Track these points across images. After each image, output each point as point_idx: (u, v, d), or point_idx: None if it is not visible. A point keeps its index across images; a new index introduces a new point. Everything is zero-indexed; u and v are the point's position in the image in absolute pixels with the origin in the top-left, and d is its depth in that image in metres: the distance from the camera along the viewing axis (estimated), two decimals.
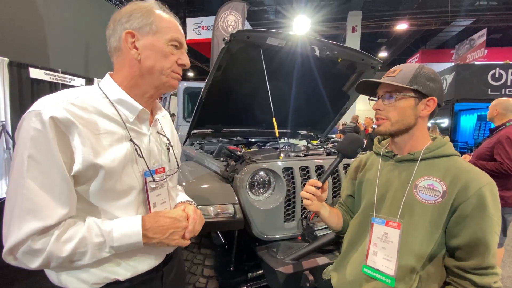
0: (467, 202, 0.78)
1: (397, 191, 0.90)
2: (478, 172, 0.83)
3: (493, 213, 0.77)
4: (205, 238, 1.87)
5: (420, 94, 0.89)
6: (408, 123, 0.91)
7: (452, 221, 0.81)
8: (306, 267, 1.56)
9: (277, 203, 1.76)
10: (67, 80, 5.38)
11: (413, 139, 0.93)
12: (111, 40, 0.81)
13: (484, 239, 0.77)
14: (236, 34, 1.81)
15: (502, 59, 10.22)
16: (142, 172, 0.83)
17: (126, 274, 0.81)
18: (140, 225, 0.77)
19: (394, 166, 0.95)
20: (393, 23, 12.12)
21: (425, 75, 0.90)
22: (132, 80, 0.82)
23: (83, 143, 0.70)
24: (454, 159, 0.88)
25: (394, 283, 0.83)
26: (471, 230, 0.78)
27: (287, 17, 11.33)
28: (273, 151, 2.19)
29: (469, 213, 0.78)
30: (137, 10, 0.80)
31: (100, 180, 0.73)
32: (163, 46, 0.81)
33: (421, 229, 0.83)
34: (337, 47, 2.11)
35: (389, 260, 0.86)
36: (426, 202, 0.84)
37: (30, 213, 0.66)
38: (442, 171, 0.85)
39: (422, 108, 0.90)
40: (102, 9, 6.62)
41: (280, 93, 2.37)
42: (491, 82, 8.54)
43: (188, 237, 0.87)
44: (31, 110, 0.68)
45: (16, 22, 4.67)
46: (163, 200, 0.90)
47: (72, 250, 0.69)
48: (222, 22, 6.15)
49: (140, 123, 0.86)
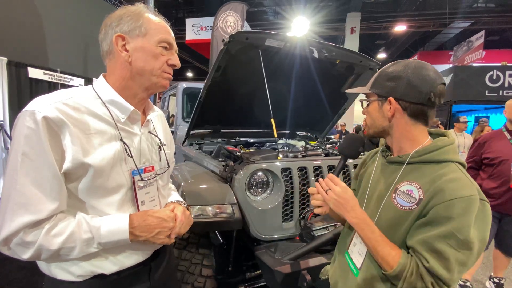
0: (434, 209, 0.74)
1: (381, 192, 0.91)
2: (463, 184, 0.75)
3: (457, 228, 0.70)
4: (203, 238, 1.87)
5: (381, 96, 0.89)
6: (381, 125, 0.91)
7: (416, 224, 0.78)
8: (303, 267, 1.57)
9: (275, 203, 1.77)
10: (66, 80, 5.36)
11: (397, 141, 0.90)
12: (103, 44, 0.85)
13: (433, 248, 0.73)
14: (235, 35, 1.83)
15: (500, 61, 10.26)
16: (131, 170, 0.86)
17: (112, 268, 0.84)
18: (127, 223, 0.80)
19: (386, 166, 0.95)
20: (391, 24, 12.17)
21: (384, 75, 0.88)
22: (123, 81, 0.85)
23: (73, 142, 0.73)
24: (449, 166, 0.80)
25: (358, 275, 0.90)
26: (424, 235, 0.75)
27: (286, 18, 11.36)
28: (271, 151, 2.20)
29: (432, 220, 0.74)
30: (127, 14, 0.83)
31: (89, 178, 0.76)
32: (152, 47, 0.83)
33: (388, 233, 0.83)
34: (335, 48, 2.13)
35: (360, 255, 0.91)
36: (401, 207, 0.82)
37: (23, 207, 0.69)
38: (426, 178, 0.80)
39: (388, 109, 0.88)
40: (101, 9, 6.61)
41: (278, 94, 2.39)
42: (489, 84, 8.59)
43: (174, 237, 0.89)
44: (26, 110, 0.72)
45: (15, 21, 4.66)
46: (152, 198, 0.93)
47: (61, 244, 0.72)
48: (221, 23, 6.16)
49: (131, 123, 0.89)
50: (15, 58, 4.44)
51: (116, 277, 0.85)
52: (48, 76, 5.02)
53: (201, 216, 1.64)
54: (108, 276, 0.84)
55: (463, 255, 0.71)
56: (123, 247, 0.84)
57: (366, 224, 0.84)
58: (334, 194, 0.89)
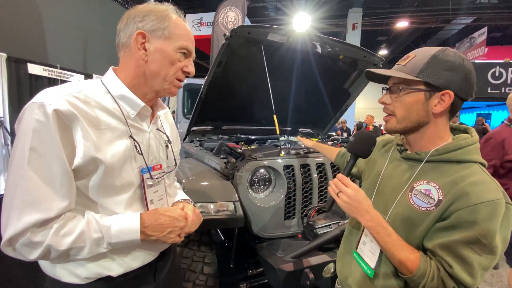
0: (457, 213, 0.70)
1: (395, 189, 0.85)
2: (488, 187, 0.70)
3: (482, 234, 0.67)
4: (205, 236, 1.86)
5: (433, 86, 0.75)
6: (417, 120, 0.79)
7: (436, 227, 0.74)
8: (306, 265, 1.55)
9: (278, 201, 1.75)
10: (66, 76, 5.33)
11: (424, 139, 0.82)
12: (121, 34, 0.81)
13: (456, 253, 0.70)
14: (237, 29, 1.79)
15: (502, 58, 10.18)
16: (140, 168, 0.83)
17: (119, 270, 0.81)
18: (139, 223, 0.77)
19: (401, 161, 0.89)
20: (393, 20, 12.08)
21: (442, 62, 0.75)
22: (135, 79, 0.82)
23: (85, 137, 0.70)
24: (472, 167, 0.74)
25: (373, 275, 0.85)
26: (447, 239, 0.71)
27: (287, 14, 11.29)
28: (273, 148, 2.18)
29: (455, 225, 0.70)
30: (153, 12, 0.80)
31: (99, 175, 0.73)
32: (172, 52, 0.81)
33: (403, 234, 0.79)
34: (339, 43, 2.09)
35: (373, 254, 0.86)
36: (418, 207, 0.77)
37: (30, 205, 0.65)
38: (447, 178, 0.75)
39: (435, 103, 0.76)
40: (101, 5, 6.55)
41: (280, 90, 2.36)
42: (491, 81, 8.53)
43: (183, 236, 0.88)
44: (34, 102, 0.68)
45: (15, 17, 4.63)
46: (160, 196, 0.91)
47: (70, 244, 0.69)
48: (222, 19, 6.10)
49: (141, 120, 0.86)
50: (15, 54, 4.41)
51: (122, 279, 0.83)
52: (48, 72, 4.99)
53: (203, 213, 1.62)
54: (115, 278, 0.81)
55: (486, 260, 0.69)
56: (131, 248, 0.82)
57: (382, 227, 0.79)
58: (346, 197, 0.83)
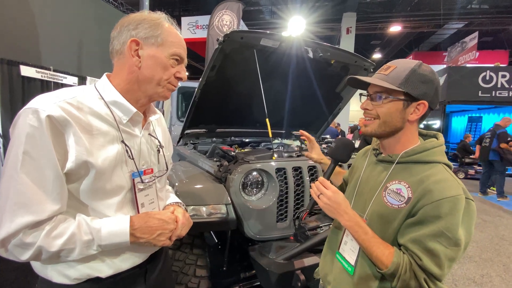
0: (423, 209, 0.77)
1: (372, 189, 0.93)
2: (450, 185, 0.78)
3: (446, 227, 0.74)
4: (197, 238, 1.87)
5: (411, 97, 0.83)
6: (395, 126, 0.87)
7: (406, 223, 0.81)
8: (297, 266, 1.58)
9: (270, 203, 1.77)
10: (59, 78, 5.29)
11: (400, 143, 0.90)
12: (115, 42, 0.84)
13: (425, 246, 0.76)
14: (230, 34, 1.81)
15: (493, 62, 10.41)
16: (131, 172, 0.85)
17: (108, 272, 0.83)
18: (128, 225, 0.79)
19: (377, 164, 0.97)
20: (387, 25, 12.25)
21: (420, 76, 0.83)
22: (128, 84, 0.85)
23: (77, 142, 0.73)
24: (436, 167, 0.83)
25: (353, 272, 0.91)
26: (416, 234, 0.78)
27: (282, 17, 11.35)
28: (266, 151, 2.20)
29: (422, 220, 0.77)
30: (146, 21, 0.83)
31: (90, 179, 0.75)
32: (164, 58, 0.84)
33: (379, 231, 0.85)
34: (330, 49, 2.13)
35: (353, 252, 0.93)
36: (391, 205, 0.84)
37: (23, 207, 0.68)
38: (414, 177, 0.83)
39: (411, 111, 0.85)
40: (94, 7, 6.52)
41: (273, 93, 2.38)
42: (482, 84, 8.70)
43: (174, 239, 0.90)
44: (28, 107, 0.70)
45: (7, 19, 4.58)
46: (151, 200, 0.93)
47: (61, 245, 0.71)
48: (217, 22, 6.13)
49: (133, 125, 0.88)
50: (7, 56, 4.37)
51: (112, 280, 0.84)
52: (41, 75, 4.95)
53: (195, 216, 1.63)
54: (104, 280, 0.83)
55: (452, 252, 0.76)
56: (120, 250, 0.84)
57: (359, 226, 0.86)
58: (326, 199, 0.90)
